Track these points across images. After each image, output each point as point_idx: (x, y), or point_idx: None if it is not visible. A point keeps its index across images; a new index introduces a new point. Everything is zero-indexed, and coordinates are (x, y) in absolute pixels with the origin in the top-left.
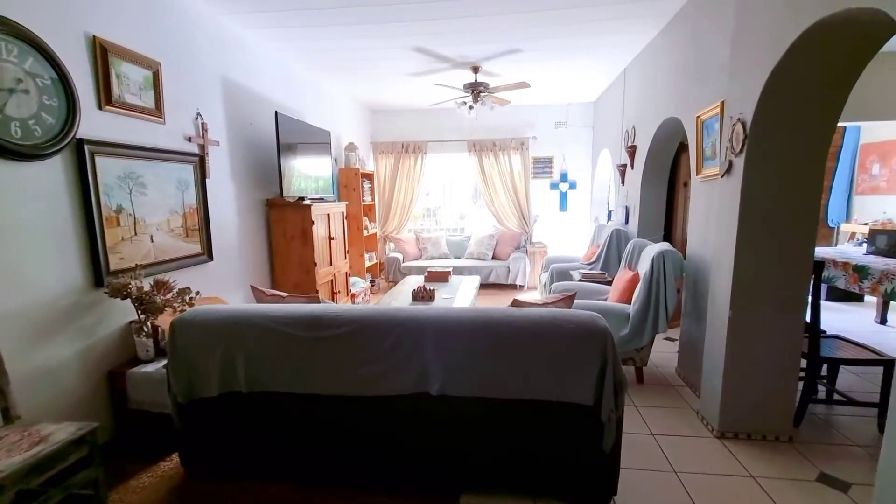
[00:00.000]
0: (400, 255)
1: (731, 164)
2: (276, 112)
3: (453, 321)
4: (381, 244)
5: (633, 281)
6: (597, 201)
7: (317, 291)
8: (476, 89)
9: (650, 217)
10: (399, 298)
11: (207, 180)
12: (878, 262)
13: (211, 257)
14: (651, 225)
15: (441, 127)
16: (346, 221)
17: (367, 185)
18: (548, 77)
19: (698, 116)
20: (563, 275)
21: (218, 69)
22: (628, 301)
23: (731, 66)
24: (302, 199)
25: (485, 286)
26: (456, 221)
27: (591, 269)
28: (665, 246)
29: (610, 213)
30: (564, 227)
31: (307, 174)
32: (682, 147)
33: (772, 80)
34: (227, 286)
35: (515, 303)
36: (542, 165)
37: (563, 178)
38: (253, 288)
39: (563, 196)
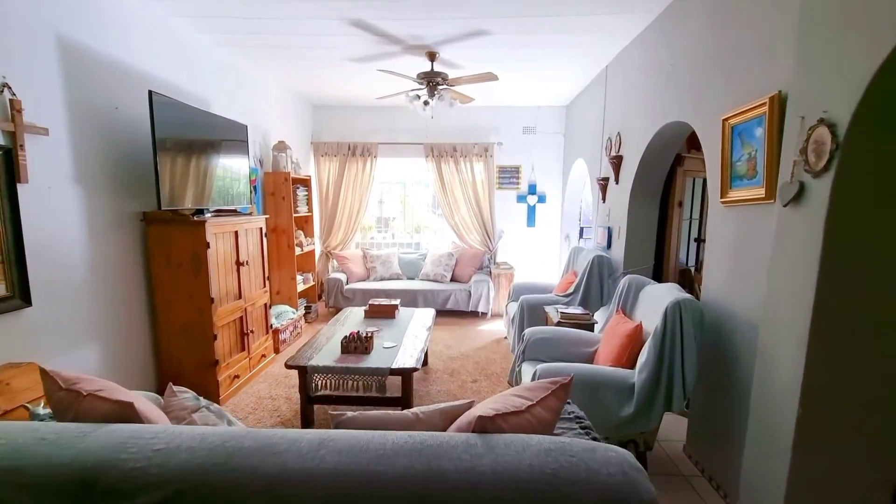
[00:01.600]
0: (343, 276)
1: (802, 187)
2: (149, 93)
3: (366, 477)
4: (324, 261)
5: (635, 337)
6: (568, 217)
7: (214, 336)
8: (432, 80)
9: (639, 241)
10: (324, 349)
11: (22, 186)
12: None
13: (28, 301)
14: (640, 251)
15: (394, 127)
16: (265, 239)
17: (302, 193)
18: (516, 74)
19: (725, 119)
20: (535, 311)
21: (47, 22)
22: (626, 363)
23: (801, 43)
24: (201, 211)
25: (442, 314)
26: (411, 236)
27: (568, 303)
28: (678, 292)
29: (582, 230)
30: (533, 245)
31: (208, 179)
32: (677, 160)
33: None
34: (63, 340)
35: (482, 423)
36: (509, 175)
37: (532, 189)
38: (42, 374)
39: (532, 210)
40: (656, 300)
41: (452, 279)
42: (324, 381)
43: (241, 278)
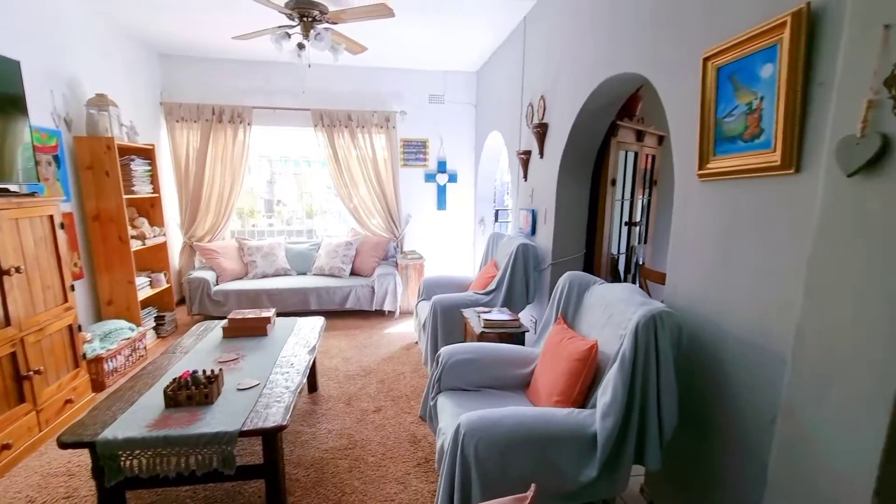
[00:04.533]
0: (212, 275)
1: (887, 143)
2: None
3: None
4: (187, 256)
5: (589, 361)
6: (482, 198)
7: None
8: (307, 14)
9: (569, 226)
10: (138, 403)
11: None
12: None
13: None
14: (571, 237)
15: (273, 87)
16: (58, 232)
17: (142, 168)
18: (420, 24)
19: (708, 58)
20: (451, 316)
21: None
22: (579, 399)
23: None
24: None
25: (341, 316)
26: (302, 222)
27: (489, 304)
28: (642, 298)
29: (497, 212)
30: (444, 231)
31: None
32: (611, 129)
33: None
34: None
35: None
36: (415, 150)
37: (441, 167)
38: None
39: (442, 191)
40: (612, 307)
41: (353, 273)
42: (131, 461)
43: (8, 295)
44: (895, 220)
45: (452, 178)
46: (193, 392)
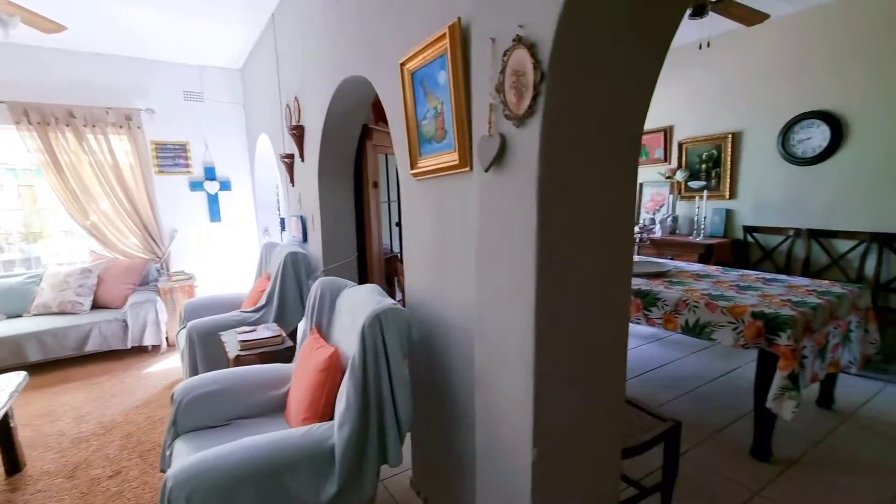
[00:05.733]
0: None
1: (505, 142)
2: None
3: None
4: None
5: (331, 370)
6: (264, 206)
7: None
8: None
9: (337, 231)
10: None
11: None
12: (667, 287)
13: None
14: (340, 242)
15: None
16: None
17: None
18: (153, 11)
19: (403, 64)
20: (210, 342)
21: None
22: (325, 412)
23: None
24: None
25: (80, 362)
26: (21, 249)
27: (257, 322)
28: (378, 297)
29: (283, 221)
30: (225, 245)
31: None
32: (366, 132)
33: None
34: None
35: None
36: (172, 155)
37: (210, 173)
38: None
39: (213, 199)
40: (355, 310)
41: (97, 305)
42: None
43: None
44: (517, 212)
45: (225, 186)
46: None
